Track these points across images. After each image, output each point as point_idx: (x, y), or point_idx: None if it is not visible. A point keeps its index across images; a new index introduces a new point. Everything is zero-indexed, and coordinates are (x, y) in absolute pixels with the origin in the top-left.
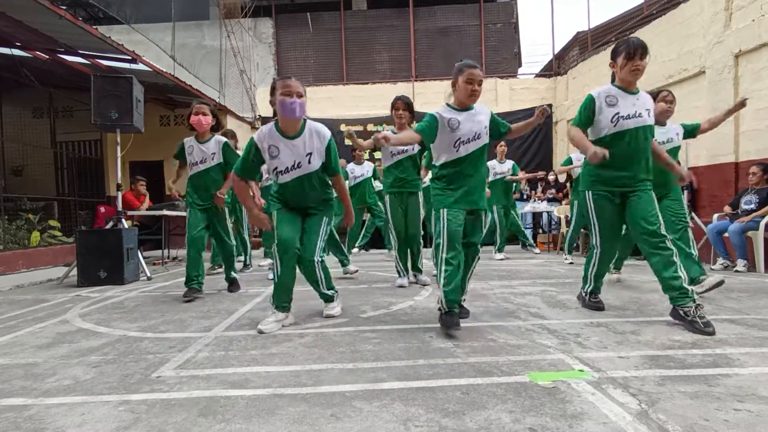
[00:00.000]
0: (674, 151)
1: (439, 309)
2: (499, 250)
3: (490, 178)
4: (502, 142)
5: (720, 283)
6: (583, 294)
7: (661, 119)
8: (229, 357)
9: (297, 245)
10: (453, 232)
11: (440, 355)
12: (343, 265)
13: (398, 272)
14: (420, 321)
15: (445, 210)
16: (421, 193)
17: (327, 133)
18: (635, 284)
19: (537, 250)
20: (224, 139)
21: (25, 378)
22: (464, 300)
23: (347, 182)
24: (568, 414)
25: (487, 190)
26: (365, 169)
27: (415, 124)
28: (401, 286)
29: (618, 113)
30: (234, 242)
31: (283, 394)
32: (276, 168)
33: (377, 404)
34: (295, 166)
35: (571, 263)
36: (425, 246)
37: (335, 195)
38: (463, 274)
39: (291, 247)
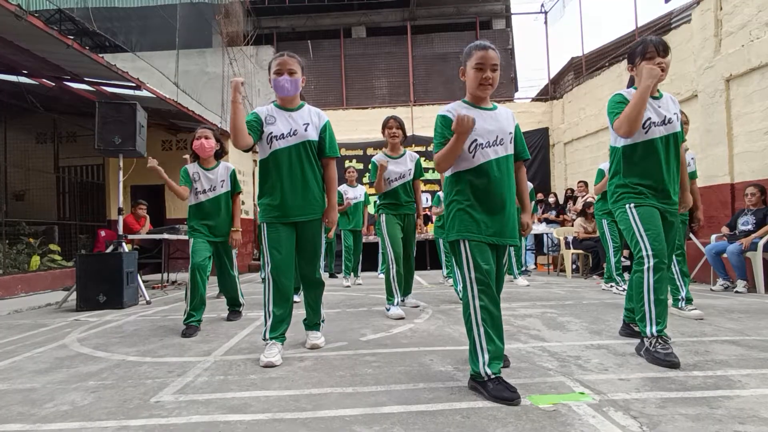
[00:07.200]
0: (689, 177)
1: (475, 377)
2: (509, 272)
3: None
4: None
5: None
6: (647, 344)
7: None
8: (229, 381)
9: (293, 266)
10: (482, 269)
11: (440, 378)
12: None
13: (394, 295)
14: (420, 344)
15: (467, 243)
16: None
17: (325, 116)
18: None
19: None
20: (233, 167)
21: (22, 403)
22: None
23: (341, 205)
24: None
25: None
26: (358, 192)
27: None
28: (400, 318)
29: (649, 118)
30: (237, 275)
31: (282, 418)
32: (271, 133)
33: (377, 428)
34: (291, 134)
35: (624, 290)
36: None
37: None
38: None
39: (287, 268)
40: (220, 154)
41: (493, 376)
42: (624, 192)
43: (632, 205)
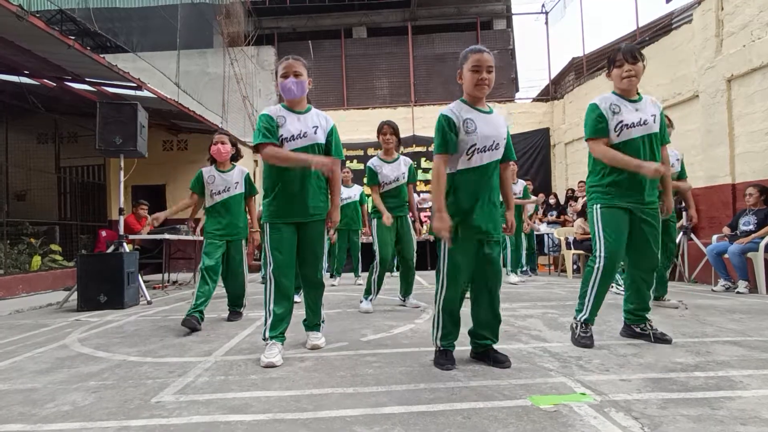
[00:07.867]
0: (678, 176)
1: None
2: (512, 271)
3: None
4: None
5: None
6: (574, 325)
7: None
8: (229, 382)
9: (294, 267)
10: (456, 265)
11: (441, 378)
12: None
13: (370, 291)
14: (421, 344)
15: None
16: (410, 216)
17: (332, 120)
18: None
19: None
20: (247, 170)
21: (23, 404)
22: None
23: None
24: None
25: None
26: (353, 191)
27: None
28: (366, 312)
29: (621, 121)
30: (247, 274)
31: (283, 419)
32: (282, 135)
33: (378, 429)
34: (301, 135)
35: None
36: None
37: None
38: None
39: (288, 268)
40: (235, 157)
41: (442, 348)
42: (595, 192)
43: (598, 206)
